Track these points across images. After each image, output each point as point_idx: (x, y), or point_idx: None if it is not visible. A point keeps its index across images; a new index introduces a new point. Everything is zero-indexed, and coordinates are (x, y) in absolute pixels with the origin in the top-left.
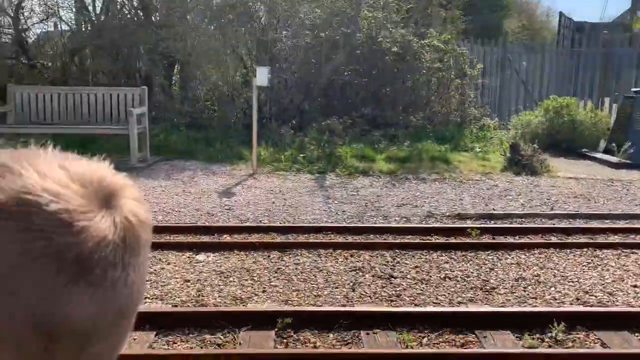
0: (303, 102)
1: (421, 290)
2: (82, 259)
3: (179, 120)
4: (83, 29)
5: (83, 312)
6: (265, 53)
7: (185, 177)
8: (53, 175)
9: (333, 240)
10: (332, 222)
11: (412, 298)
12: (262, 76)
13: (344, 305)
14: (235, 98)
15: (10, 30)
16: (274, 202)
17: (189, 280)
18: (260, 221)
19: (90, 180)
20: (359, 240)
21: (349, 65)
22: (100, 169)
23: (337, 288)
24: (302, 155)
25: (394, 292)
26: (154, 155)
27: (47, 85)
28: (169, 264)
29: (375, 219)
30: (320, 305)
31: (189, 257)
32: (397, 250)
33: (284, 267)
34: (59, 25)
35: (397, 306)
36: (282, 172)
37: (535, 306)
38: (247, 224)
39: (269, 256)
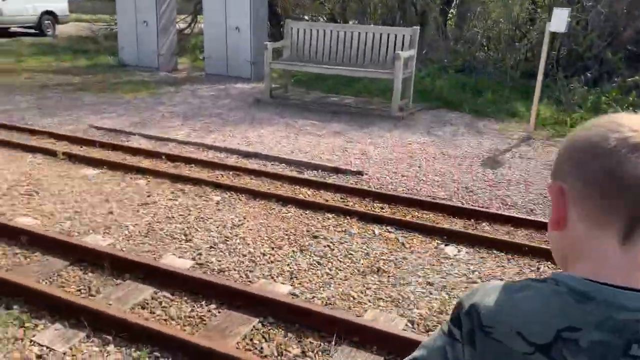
0: (604, 49)
1: None
2: None
3: (450, 63)
4: None
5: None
6: None
7: (447, 134)
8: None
9: None
10: None
11: None
12: (559, 20)
13: None
14: (516, 40)
15: None
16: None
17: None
18: (532, 210)
19: None
20: None
21: None
22: None
23: None
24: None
25: None
26: (416, 102)
27: (327, 17)
28: (404, 258)
29: None
30: None
31: (434, 249)
32: None
33: None
34: None
35: None
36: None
37: None
38: (513, 212)
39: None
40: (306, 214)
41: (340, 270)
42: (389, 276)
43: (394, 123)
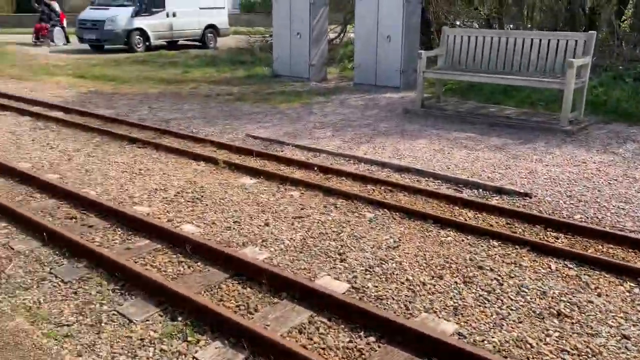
0: None
1: None
2: None
3: (626, 70)
4: None
5: None
6: None
7: (629, 153)
8: None
9: None
10: None
11: None
12: None
13: None
14: None
15: None
16: None
17: None
18: None
19: None
20: None
21: None
22: None
23: None
24: None
25: None
26: (587, 114)
27: (482, 22)
28: (589, 301)
29: None
30: None
31: (627, 293)
32: None
33: None
34: None
35: None
36: None
37: None
38: None
39: None
40: (467, 239)
41: (512, 309)
42: (572, 323)
43: (563, 138)
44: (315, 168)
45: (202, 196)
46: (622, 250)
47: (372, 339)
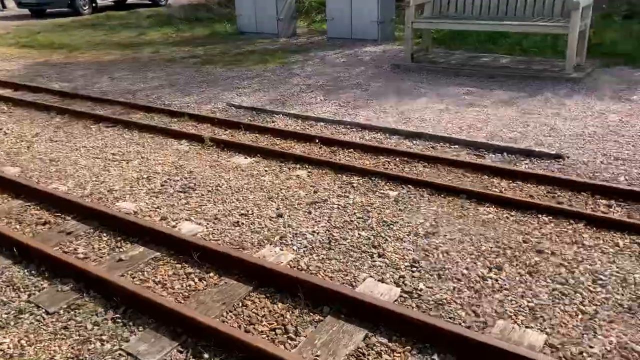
0: None
1: None
2: None
3: (610, 8)
4: None
5: None
6: None
7: None
8: None
9: None
10: None
11: None
12: None
13: None
14: None
15: None
16: None
17: None
18: None
19: None
20: None
21: None
22: None
23: None
24: None
25: None
26: (589, 59)
27: None
28: None
29: None
30: None
31: None
32: None
33: None
34: None
35: None
36: None
37: None
38: None
39: None
40: (512, 216)
41: (596, 305)
42: None
43: (571, 87)
44: (317, 140)
45: (194, 184)
46: None
47: None
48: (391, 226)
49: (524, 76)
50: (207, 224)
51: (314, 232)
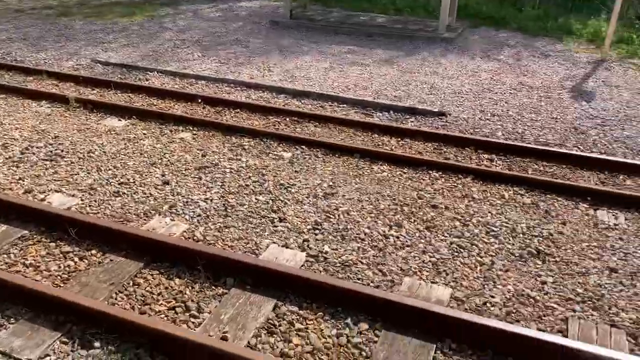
0: None
1: None
2: None
3: None
4: None
5: None
6: None
7: (510, 58)
8: None
9: None
10: None
11: None
12: None
13: None
14: None
15: None
16: None
17: None
18: None
19: None
20: None
21: None
22: None
23: None
24: None
25: None
26: (458, 20)
27: None
28: (560, 233)
29: None
30: None
31: (585, 216)
32: None
33: None
34: None
35: None
36: None
37: None
38: None
39: None
40: (405, 172)
41: (491, 256)
42: (555, 261)
43: (445, 46)
44: (200, 100)
45: (61, 150)
46: (557, 167)
47: (364, 326)
48: (289, 189)
49: (401, 36)
50: (82, 195)
51: (207, 199)
